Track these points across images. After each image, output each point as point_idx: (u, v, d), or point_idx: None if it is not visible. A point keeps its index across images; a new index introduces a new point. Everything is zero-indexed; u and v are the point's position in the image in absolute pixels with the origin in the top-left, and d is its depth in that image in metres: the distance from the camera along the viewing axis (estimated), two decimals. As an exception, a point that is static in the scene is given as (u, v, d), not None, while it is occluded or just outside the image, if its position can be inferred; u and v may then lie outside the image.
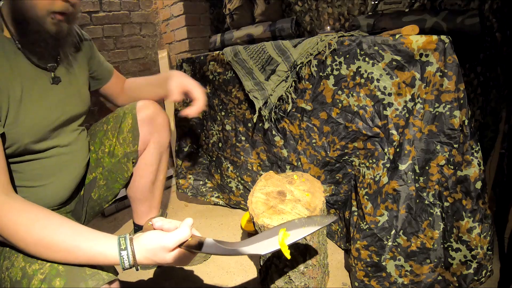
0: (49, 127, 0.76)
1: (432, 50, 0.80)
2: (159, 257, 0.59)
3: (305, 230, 0.62)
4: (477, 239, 0.79)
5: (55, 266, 0.57)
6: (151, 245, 0.60)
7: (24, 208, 0.59)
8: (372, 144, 0.94)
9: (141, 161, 1.02)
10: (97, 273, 0.58)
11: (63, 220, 0.60)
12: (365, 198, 0.92)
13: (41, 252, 0.57)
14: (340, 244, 1.15)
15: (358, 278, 0.92)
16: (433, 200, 0.85)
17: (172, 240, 0.59)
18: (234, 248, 0.61)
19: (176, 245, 0.59)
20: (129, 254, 0.59)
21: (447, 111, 0.80)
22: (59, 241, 0.57)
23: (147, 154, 1.02)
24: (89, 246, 0.58)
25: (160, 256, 0.59)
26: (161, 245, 0.59)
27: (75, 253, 0.57)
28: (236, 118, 1.34)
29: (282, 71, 1.09)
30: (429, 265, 0.85)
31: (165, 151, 1.07)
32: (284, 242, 0.60)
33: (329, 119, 1.03)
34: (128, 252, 0.59)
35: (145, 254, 0.60)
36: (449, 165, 0.82)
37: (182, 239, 0.59)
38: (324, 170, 1.10)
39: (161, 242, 0.59)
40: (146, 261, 0.60)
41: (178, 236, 0.59)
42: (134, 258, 0.59)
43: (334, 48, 0.96)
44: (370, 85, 0.91)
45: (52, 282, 0.55)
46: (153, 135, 1.01)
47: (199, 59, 1.38)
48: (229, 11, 1.65)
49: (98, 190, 0.97)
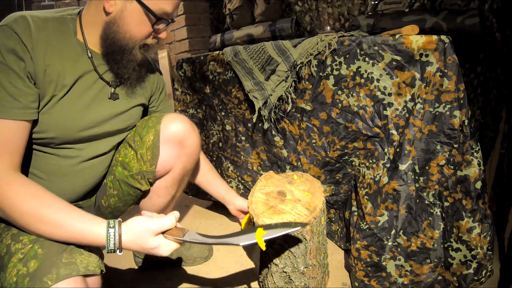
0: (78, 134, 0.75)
1: (432, 50, 0.80)
2: (143, 241, 0.63)
3: (279, 230, 0.71)
4: (477, 239, 0.79)
5: (35, 248, 0.59)
6: (137, 227, 0.64)
7: (25, 183, 0.62)
8: (372, 144, 0.94)
9: (160, 183, 0.92)
10: (73, 263, 0.58)
11: (59, 199, 0.64)
12: (365, 198, 0.92)
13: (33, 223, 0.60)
14: (340, 244, 1.15)
15: (358, 278, 0.92)
16: (433, 200, 0.85)
17: (157, 224, 0.64)
18: (215, 239, 0.69)
19: (160, 230, 0.64)
20: (115, 233, 0.62)
21: (447, 111, 0.80)
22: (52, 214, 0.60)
23: (169, 178, 0.92)
24: (79, 221, 0.62)
25: (144, 239, 0.63)
26: (146, 228, 0.63)
27: (65, 227, 0.60)
28: (236, 118, 1.34)
29: (282, 71, 1.09)
30: (429, 265, 0.85)
31: (189, 173, 0.97)
32: (260, 236, 0.68)
33: (329, 119, 1.03)
34: (116, 231, 0.62)
35: (130, 236, 0.63)
36: (449, 165, 0.82)
37: (165, 225, 0.65)
38: (324, 170, 1.10)
39: (146, 225, 0.64)
40: (131, 244, 0.64)
41: (163, 222, 0.65)
42: (120, 238, 0.62)
43: (334, 48, 0.96)
44: (370, 85, 0.91)
45: (28, 263, 0.57)
46: (179, 159, 0.89)
47: (199, 59, 1.38)
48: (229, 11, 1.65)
49: (108, 199, 0.90)
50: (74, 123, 0.74)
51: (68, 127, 0.73)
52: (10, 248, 0.60)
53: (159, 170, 0.89)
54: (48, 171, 0.76)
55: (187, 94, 1.52)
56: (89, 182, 0.83)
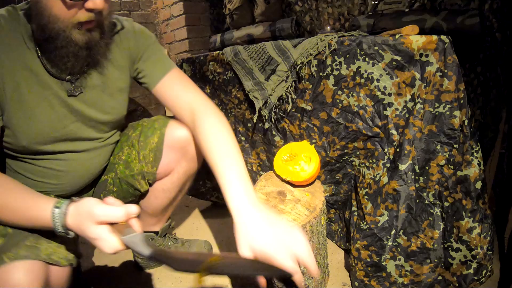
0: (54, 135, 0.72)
1: (432, 50, 0.80)
2: (84, 227, 0.55)
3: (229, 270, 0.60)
4: (477, 239, 0.79)
5: (7, 228, 0.60)
6: (83, 209, 0.56)
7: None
8: (372, 144, 0.94)
9: (158, 185, 0.93)
10: (36, 248, 0.58)
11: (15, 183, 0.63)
12: (365, 198, 0.92)
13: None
14: (340, 244, 1.15)
15: (358, 278, 0.92)
16: (433, 200, 0.85)
17: (102, 210, 0.55)
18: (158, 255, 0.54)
19: (103, 219, 0.55)
20: (61, 213, 0.57)
21: (447, 111, 0.80)
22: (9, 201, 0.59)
23: (168, 181, 0.92)
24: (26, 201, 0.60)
25: (85, 225, 0.55)
26: (88, 212, 0.55)
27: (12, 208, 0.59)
28: (236, 118, 1.34)
29: (282, 71, 1.09)
30: (429, 265, 0.85)
31: (189, 179, 0.95)
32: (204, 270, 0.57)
33: (329, 119, 1.03)
34: (62, 211, 0.57)
35: (75, 217, 0.57)
36: (449, 165, 0.82)
37: (111, 215, 0.55)
38: (324, 170, 1.10)
39: (91, 208, 0.55)
40: (74, 227, 0.57)
41: (109, 211, 0.55)
42: (65, 219, 0.57)
43: (334, 48, 0.96)
44: (370, 85, 0.91)
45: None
46: (179, 164, 0.89)
47: (199, 59, 1.38)
48: (229, 11, 1.65)
49: (107, 194, 0.91)
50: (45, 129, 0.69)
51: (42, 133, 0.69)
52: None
53: (160, 172, 0.90)
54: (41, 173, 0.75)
55: (187, 94, 1.52)
56: (88, 175, 0.82)
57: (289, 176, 0.93)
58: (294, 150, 0.99)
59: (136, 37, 0.82)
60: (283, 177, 0.94)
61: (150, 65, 0.83)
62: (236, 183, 0.64)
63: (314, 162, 0.92)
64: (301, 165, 0.93)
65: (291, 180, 0.93)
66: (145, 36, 0.84)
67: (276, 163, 0.98)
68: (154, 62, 0.84)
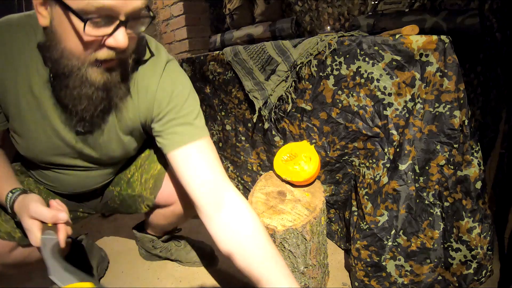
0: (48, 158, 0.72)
1: (432, 50, 0.80)
2: (22, 216, 0.61)
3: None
4: (477, 239, 0.79)
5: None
6: (24, 202, 0.62)
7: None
8: (372, 144, 0.94)
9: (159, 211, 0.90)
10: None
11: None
12: (365, 198, 0.92)
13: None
14: (340, 244, 1.15)
15: (358, 278, 0.92)
16: (433, 200, 0.85)
17: (34, 207, 0.59)
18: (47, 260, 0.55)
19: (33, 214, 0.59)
20: (11, 198, 0.64)
21: (447, 111, 0.80)
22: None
23: (168, 211, 0.88)
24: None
25: (23, 215, 0.61)
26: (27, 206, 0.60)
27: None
28: (236, 118, 1.34)
29: (282, 71, 1.09)
30: (429, 265, 0.85)
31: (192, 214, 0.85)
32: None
33: (329, 119, 1.03)
34: (13, 197, 0.64)
35: (19, 206, 0.62)
36: (449, 165, 0.82)
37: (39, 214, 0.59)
38: (324, 170, 1.10)
39: (28, 204, 0.60)
40: (17, 213, 0.63)
41: (39, 210, 0.59)
42: (13, 203, 0.63)
43: (334, 48, 0.96)
44: (370, 85, 0.91)
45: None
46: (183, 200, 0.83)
47: (199, 59, 1.38)
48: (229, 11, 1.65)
49: (113, 204, 0.91)
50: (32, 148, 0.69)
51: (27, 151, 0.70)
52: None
53: (159, 201, 0.85)
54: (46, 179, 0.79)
55: (187, 94, 1.52)
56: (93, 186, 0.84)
57: (289, 176, 0.93)
58: (294, 150, 0.99)
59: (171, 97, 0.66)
60: (283, 177, 0.94)
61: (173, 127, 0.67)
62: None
63: (314, 162, 0.92)
64: (301, 165, 0.93)
65: (291, 180, 0.93)
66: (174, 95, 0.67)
67: (276, 163, 0.98)
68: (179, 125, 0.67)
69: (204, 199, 0.65)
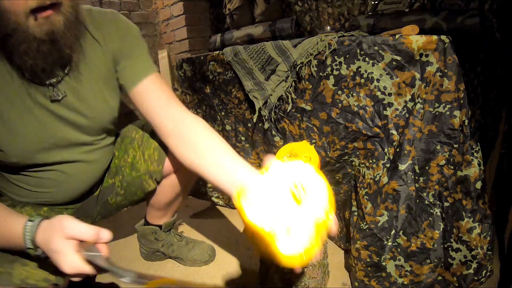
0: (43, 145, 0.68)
1: (432, 50, 0.80)
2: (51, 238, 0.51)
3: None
4: (477, 239, 0.79)
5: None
6: (55, 223, 0.53)
7: None
8: (372, 144, 0.94)
9: (166, 182, 0.93)
10: (8, 274, 0.55)
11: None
12: (365, 198, 0.92)
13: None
14: (340, 244, 1.15)
15: (358, 278, 0.92)
16: (433, 200, 0.85)
17: (73, 224, 0.52)
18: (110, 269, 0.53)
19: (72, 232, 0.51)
20: (33, 227, 0.53)
21: (447, 111, 0.80)
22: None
23: (174, 179, 0.91)
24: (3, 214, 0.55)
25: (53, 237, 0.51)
26: (61, 225, 0.52)
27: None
28: (236, 118, 1.34)
29: (282, 71, 1.09)
30: (429, 265, 0.85)
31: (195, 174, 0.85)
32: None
33: (329, 119, 1.03)
34: (34, 225, 0.53)
35: (45, 231, 0.53)
36: (449, 165, 0.82)
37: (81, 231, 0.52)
38: (324, 170, 1.10)
39: (63, 221, 0.52)
40: (42, 240, 0.53)
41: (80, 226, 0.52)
42: (36, 232, 0.53)
43: (334, 48, 0.96)
44: (370, 85, 0.91)
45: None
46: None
47: (199, 59, 1.38)
48: (229, 11, 1.65)
49: (116, 197, 0.91)
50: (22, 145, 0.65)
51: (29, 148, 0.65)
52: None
53: (166, 169, 0.89)
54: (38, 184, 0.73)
55: (187, 94, 1.52)
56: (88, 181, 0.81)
57: None
58: (294, 150, 0.99)
59: (122, 33, 0.74)
60: None
61: (131, 64, 0.75)
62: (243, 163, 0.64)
63: (314, 162, 0.92)
64: None
65: (291, 180, 0.93)
66: (132, 31, 0.76)
67: None
68: (136, 62, 0.76)
69: (166, 121, 0.73)
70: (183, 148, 0.71)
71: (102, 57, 0.72)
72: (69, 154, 0.74)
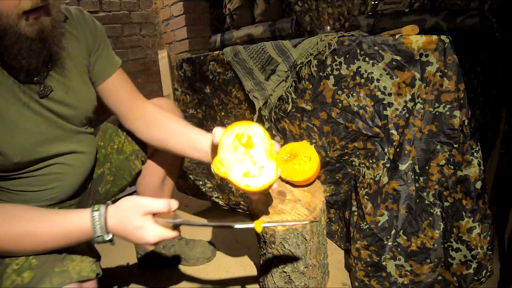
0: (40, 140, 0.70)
1: (432, 50, 0.80)
2: (129, 219, 0.58)
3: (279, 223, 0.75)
4: (477, 239, 0.79)
5: (29, 259, 0.58)
6: (125, 204, 0.59)
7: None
8: (372, 144, 0.94)
9: (151, 159, 0.99)
10: (66, 272, 0.57)
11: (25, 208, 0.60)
12: (365, 198, 0.92)
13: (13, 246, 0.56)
14: (340, 244, 1.15)
15: (358, 278, 0.92)
16: (433, 200, 0.85)
17: (148, 201, 0.58)
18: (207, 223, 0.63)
19: (150, 208, 0.59)
20: (101, 215, 0.58)
21: (447, 111, 0.80)
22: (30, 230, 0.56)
23: (158, 153, 0.98)
24: (61, 220, 0.58)
25: (130, 217, 0.58)
26: (134, 204, 0.58)
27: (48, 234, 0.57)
28: (236, 118, 1.34)
29: (282, 71, 1.09)
30: (429, 265, 0.85)
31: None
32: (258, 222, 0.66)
33: (329, 119, 1.03)
34: (101, 213, 0.58)
35: (117, 217, 0.58)
36: (449, 165, 0.82)
37: (157, 205, 0.59)
38: (324, 170, 1.10)
39: (136, 200, 0.59)
40: (117, 227, 0.58)
41: (155, 201, 0.59)
42: (106, 220, 0.58)
43: (334, 48, 0.96)
44: (370, 85, 0.91)
45: (22, 274, 0.56)
46: None
47: (199, 59, 1.38)
48: (229, 11, 1.65)
49: (105, 185, 0.94)
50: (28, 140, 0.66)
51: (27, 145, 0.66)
52: (4, 260, 0.58)
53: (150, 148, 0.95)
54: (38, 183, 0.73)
55: (187, 94, 1.52)
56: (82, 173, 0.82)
57: (289, 176, 0.93)
58: (294, 150, 0.99)
59: (92, 29, 0.79)
60: (283, 177, 0.94)
61: (100, 61, 0.81)
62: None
63: (314, 162, 0.92)
64: (301, 165, 0.93)
65: (291, 180, 0.93)
66: (99, 28, 0.81)
67: None
68: (104, 58, 0.81)
69: (132, 110, 0.84)
70: (148, 129, 0.83)
71: (80, 50, 0.77)
72: (65, 145, 0.76)
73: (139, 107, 0.85)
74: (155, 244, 0.61)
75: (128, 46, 2.10)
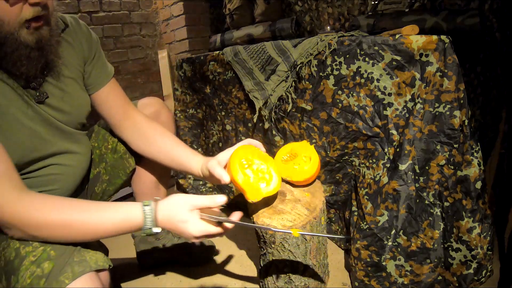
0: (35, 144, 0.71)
1: (432, 50, 0.80)
2: (175, 213, 0.63)
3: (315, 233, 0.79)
4: (477, 239, 0.79)
5: (47, 250, 0.59)
6: (174, 200, 0.64)
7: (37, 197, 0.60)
8: (372, 144, 0.94)
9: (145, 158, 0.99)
10: (85, 261, 0.59)
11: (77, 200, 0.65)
12: (365, 198, 0.92)
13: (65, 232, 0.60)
14: (340, 244, 1.15)
15: (358, 278, 0.92)
16: (433, 200, 0.85)
17: (197, 198, 0.63)
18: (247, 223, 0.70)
19: (198, 204, 0.64)
20: (151, 209, 0.63)
21: (447, 111, 0.80)
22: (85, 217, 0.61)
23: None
24: (114, 212, 0.63)
25: (177, 211, 0.63)
26: (184, 200, 0.63)
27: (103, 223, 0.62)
28: (236, 118, 1.34)
29: (282, 71, 1.09)
30: (429, 265, 0.85)
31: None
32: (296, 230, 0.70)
33: (329, 119, 1.03)
34: (151, 207, 0.63)
35: (165, 211, 0.63)
36: (449, 165, 0.82)
37: (206, 201, 0.63)
38: (324, 170, 1.10)
39: (185, 198, 0.64)
40: (167, 220, 0.63)
41: (204, 198, 0.63)
42: (156, 213, 0.63)
43: (334, 48, 0.96)
44: (370, 85, 0.91)
45: (42, 264, 0.57)
46: None
47: (199, 59, 1.38)
48: (229, 11, 1.65)
49: (101, 185, 0.96)
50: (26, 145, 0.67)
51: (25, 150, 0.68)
52: (20, 251, 0.59)
53: None
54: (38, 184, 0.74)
55: (187, 94, 1.52)
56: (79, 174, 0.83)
57: (289, 176, 0.93)
58: (294, 150, 0.99)
59: (88, 37, 0.81)
60: (283, 177, 0.94)
61: (95, 70, 0.84)
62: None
63: (314, 162, 0.92)
64: (301, 165, 0.93)
65: (291, 180, 0.93)
66: (94, 37, 0.84)
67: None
68: (99, 68, 0.84)
69: (123, 119, 0.88)
70: (138, 141, 0.88)
71: (76, 58, 0.79)
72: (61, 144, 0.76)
73: (130, 117, 0.89)
74: (199, 238, 0.65)
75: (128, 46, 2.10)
